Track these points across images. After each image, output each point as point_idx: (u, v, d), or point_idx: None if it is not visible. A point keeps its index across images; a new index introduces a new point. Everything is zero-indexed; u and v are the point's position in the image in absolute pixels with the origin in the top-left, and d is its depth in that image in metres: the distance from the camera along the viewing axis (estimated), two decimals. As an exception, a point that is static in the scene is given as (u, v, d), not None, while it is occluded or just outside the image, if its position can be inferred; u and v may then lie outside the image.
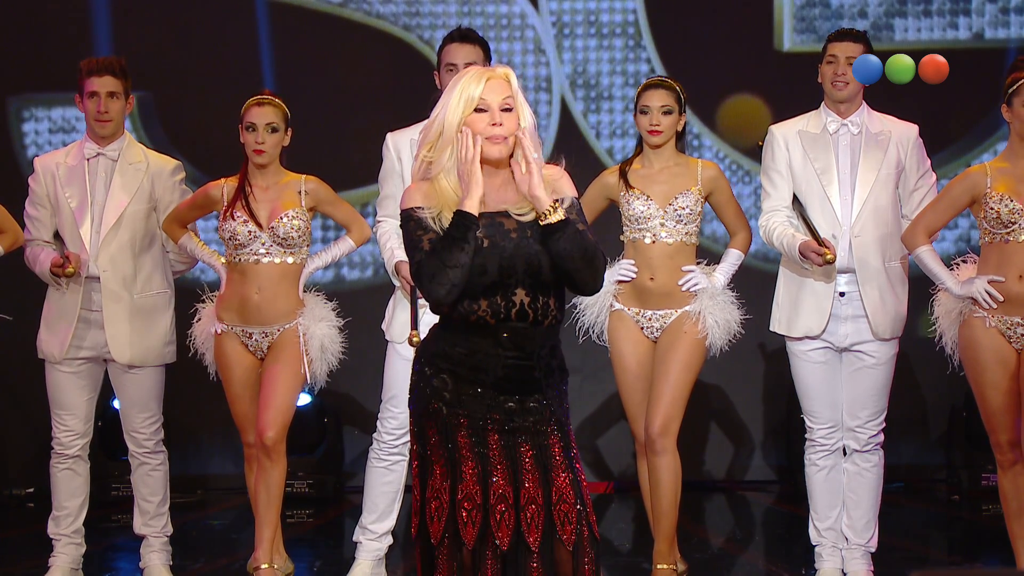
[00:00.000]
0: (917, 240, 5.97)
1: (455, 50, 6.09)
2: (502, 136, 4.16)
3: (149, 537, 6.46)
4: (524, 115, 4.20)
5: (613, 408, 8.68)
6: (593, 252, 4.18)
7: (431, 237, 4.14)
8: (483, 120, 4.16)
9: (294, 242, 6.14)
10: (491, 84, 4.17)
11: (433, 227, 4.14)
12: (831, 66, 6.11)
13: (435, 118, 4.20)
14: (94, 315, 6.27)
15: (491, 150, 4.17)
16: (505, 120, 4.16)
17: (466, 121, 4.16)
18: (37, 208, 6.34)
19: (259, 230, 6.11)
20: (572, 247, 4.13)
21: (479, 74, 4.19)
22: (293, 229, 6.12)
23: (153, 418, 6.38)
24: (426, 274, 4.11)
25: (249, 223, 6.11)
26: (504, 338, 4.16)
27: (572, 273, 4.18)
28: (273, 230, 6.11)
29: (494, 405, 4.19)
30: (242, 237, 6.12)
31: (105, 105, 6.24)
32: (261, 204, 6.14)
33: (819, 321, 6.09)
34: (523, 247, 4.15)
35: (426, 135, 4.23)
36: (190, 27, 8.95)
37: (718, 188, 6.17)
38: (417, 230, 4.16)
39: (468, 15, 8.98)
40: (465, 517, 4.16)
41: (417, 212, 4.17)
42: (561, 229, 4.12)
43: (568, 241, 4.13)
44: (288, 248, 6.15)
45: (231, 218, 6.12)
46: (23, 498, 8.75)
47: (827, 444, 6.19)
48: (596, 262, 4.20)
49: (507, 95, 4.17)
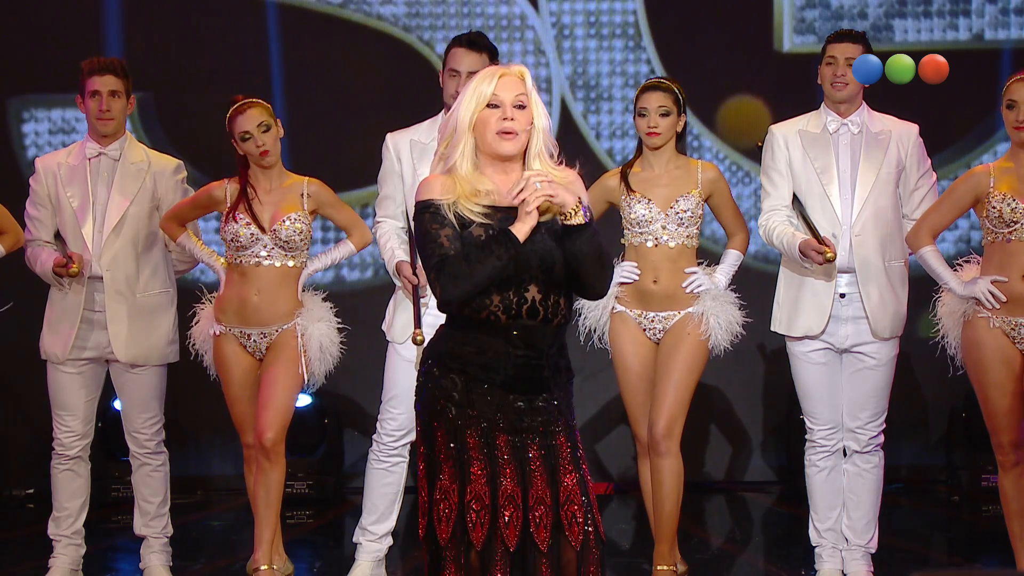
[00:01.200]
0: (921, 241, 5.97)
1: (460, 56, 6.02)
2: (513, 131, 4.17)
3: (149, 538, 6.46)
4: (539, 114, 4.22)
5: (614, 410, 8.68)
6: (608, 258, 4.23)
7: (449, 233, 4.14)
8: (495, 116, 4.17)
9: (296, 245, 6.14)
10: (504, 81, 4.18)
11: (449, 219, 4.15)
12: (830, 67, 6.11)
13: (450, 117, 4.23)
14: (97, 315, 6.27)
15: (503, 146, 4.18)
16: (518, 116, 4.17)
17: (478, 117, 4.17)
18: (38, 208, 6.34)
19: (261, 233, 6.11)
20: (590, 249, 4.16)
21: (493, 72, 4.22)
22: (295, 232, 6.12)
23: (155, 418, 6.38)
24: (448, 273, 4.10)
25: (251, 225, 6.11)
26: (514, 336, 4.17)
27: (584, 275, 4.20)
28: (275, 233, 6.11)
29: (503, 405, 4.20)
30: (244, 239, 6.12)
31: (107, 104, 6.24)
32: (264, 207, 6.14)
33: (819, 320, 6.09)
34: (537, 243, 4.16)
35: (443, 132, 4.26)
36: (190, 27, 8.95)
37: (718, 190, 6.17)
38: (433, 223, 4.16)
39: (468, 16, 8.98)
40: (474, 518, 4.16)
41: (433, 202, 4.17)
42: (583, 231, 4.14)
43: (587, 243, 4.15)
44: (289, 251, 6.15)
45: (233, 220, 6.11)
46: (23, 498, 8.74)
47: (827, 445, 6.18)
48: (608, 268, 4.24)
49: (520, 92, 4.19)
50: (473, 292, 4.11)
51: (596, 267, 4.19)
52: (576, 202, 4.13)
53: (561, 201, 4.12)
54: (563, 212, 4.13)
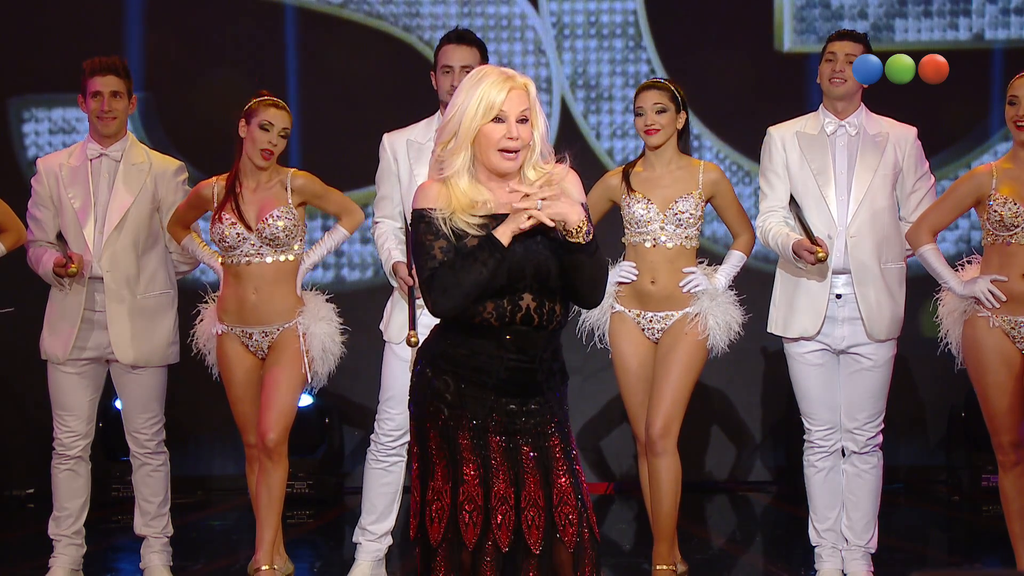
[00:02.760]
0: (921, 239, 5.97)
1: (451, 52, 6.07)
2: (516, 149, 4.15)
3: (149, 538, 6.46)
4: (539, 123, 4.18)
5: (614, 409, 8.68)
6: (604, 273, 4.22)
7: (443, 245, 4.12)
8: (499, 131, 4.13)
9: (282, 242, 6.12)
10: (512, 95, 4.14)
11: (444, 231, 4.13)
12: (829, 63, 6.10)
13: (451, 117, 4.17)
14: (97, 316, 6.27)
15: (503, 165, 4.16)
16: (521, 131, 4.15)
17: (482, 130, 4.14)
18: (40, 209, 6.34)
19: (247, 231, 6.09)
20: (589, 265, 4.14)
21: (501, 82, 4.15)
22: (279, 230, 6.09)
23: (155, 419, 6.39)
24: (438, 286, 4.09)
25: (237, 225, 6.09)
26: (507, 340, 4.16)
27: (579, 287, 4.18)
28: (260, 231, 6.09)
29: (496, 407, 4.19)
30: (231, 240, 6.10)
31: (109, 104, 6.24)
32: (249, 205, 6.11)
33: (815, 322, 6.09)
34: (533, 252, 4.13)
35: (441, 132, 4.21)
36: (189, 28, 8.95)
37: (720, 191, 6.16)
38: (428, 234, 4.14)
39: (468, 16, 8.99)
40: (467, 519, 4.16)
41: (429, 213, 4.14)
42: (585, 249, 4.12)
43: (587, 259, 4.13)
44: (278, 247, 6.13)
45: (219, 221, 6.10)
46: (23, 499, 8.75)
47: (825, 446, 6.18)
48: (603, 282, 4.22)
49: (525, 107, 4.15)
50: (464, 303, 4.10)
51: (593, 282, 4.18)
52: (581, 219, 4.10)
53: (564, 219, 4.09)
54: (566, 230, 4.10)
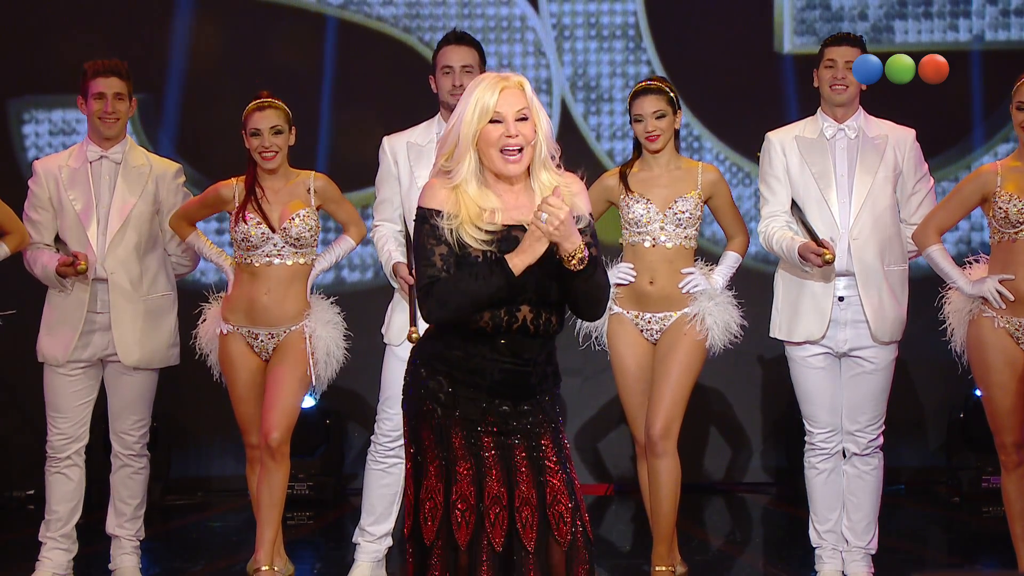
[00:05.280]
0: (928, 239, 5.97)
1: (450, 52, 6.09)
2: (517, 147, 4.14)
3: (122, 539, 6.43)
4: (540, 123, 4.17)
5: (613, 411, 8.68)
6: (604, 292, 4.20)
7: (443, 252, 4.10)
8: (497, 131, 4.13)
9: (306, 242, 6.15)
10: (505, 94, 4.13)
11: (447, 239, 4.11)
12: (830, 70, 6.10)
13: (451, 128, 4.17)
14: (99, 317, 6.27)
15: (508, 168, 4.14)
16: (521, 129, 4.13)
17: (481, 133, 4.13)
18: (38, 211, 6.34)
19: (272, 232, 6.12)
20: (587, 289, 4.14)
21: (493, 83, 4.14)
22: (306, 229, 6.14)
23: (143, 421, 6.38)
24: (437, 296, 4.08)
25: (262, 225, 6.12)
26: (502, 344, 4.16)
27: (578, 304, 4.19)
28: (286, 231, 6.11)
29: (489, 408, 4.19)
30: (255, 239, 6.12)
31: (113, 105, 6.25)
32: (273, 206, 6.14)
33: (819, 324, 6.09)
34: (535, 269, 4.10)
35: (443, 144, 4.20)
36: (189, 29, 8.95)
37: (718, 192, 6.17)
38: (430, 237, 4.13)
39: (468, 17, 8.99)
40: (459, 518, 4.16)
41: (434, 218, 4.13)
42: (581, 275, 4.10)
43: (584, 283, 4.12)
44: (299, 248, 6.15)
45: (243, 220, 6.11)
46: (24, 500, 8.74)
47: (826, 448, 6.18)
48: (603, 301, 4.21)
49: (522, 106, 4.14)
50: (460, 316, 4.11)
51: (591, 302, 4.18)
52: (576, 247, 4.06)
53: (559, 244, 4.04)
54: (560, 255, 4.07)
